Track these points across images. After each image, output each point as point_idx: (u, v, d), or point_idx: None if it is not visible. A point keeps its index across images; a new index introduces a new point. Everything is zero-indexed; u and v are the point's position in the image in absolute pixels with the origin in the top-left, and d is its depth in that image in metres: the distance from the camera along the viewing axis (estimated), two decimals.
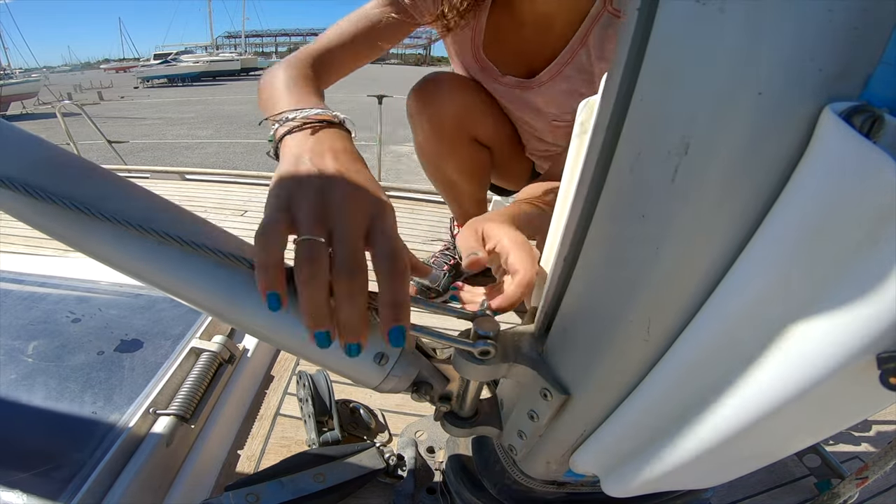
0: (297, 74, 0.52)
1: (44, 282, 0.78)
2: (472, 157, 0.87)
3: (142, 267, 0.30)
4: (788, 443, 0.23)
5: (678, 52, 0.17)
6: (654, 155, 0.19)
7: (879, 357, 0.15)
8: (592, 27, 0.65)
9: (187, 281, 0.30)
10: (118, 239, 0.29)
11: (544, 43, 0.70)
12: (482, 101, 0.83)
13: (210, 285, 0.30)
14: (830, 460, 0.59)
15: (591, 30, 0.66)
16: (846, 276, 0.15)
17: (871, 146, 0.13)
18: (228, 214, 1.43)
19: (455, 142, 0.83)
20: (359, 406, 0.67)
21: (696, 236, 0.19)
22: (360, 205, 0.31)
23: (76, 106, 2.80)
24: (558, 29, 0.68)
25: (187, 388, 0.59)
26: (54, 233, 0.29)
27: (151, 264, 0.30)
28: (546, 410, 0.31)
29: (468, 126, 0.82)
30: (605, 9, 0.64)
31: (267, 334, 0.32)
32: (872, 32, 0.14)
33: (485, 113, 0.83)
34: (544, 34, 0.69)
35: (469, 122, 0.82)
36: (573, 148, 0.35)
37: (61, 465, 0.48)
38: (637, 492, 0.30)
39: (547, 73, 0.72)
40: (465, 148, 0.85)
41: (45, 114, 10.37)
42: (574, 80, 0.72)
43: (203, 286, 0.30)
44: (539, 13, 0.67)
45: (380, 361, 0.33)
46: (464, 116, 0.80)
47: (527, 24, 0.69)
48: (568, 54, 0.69)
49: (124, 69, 40.92)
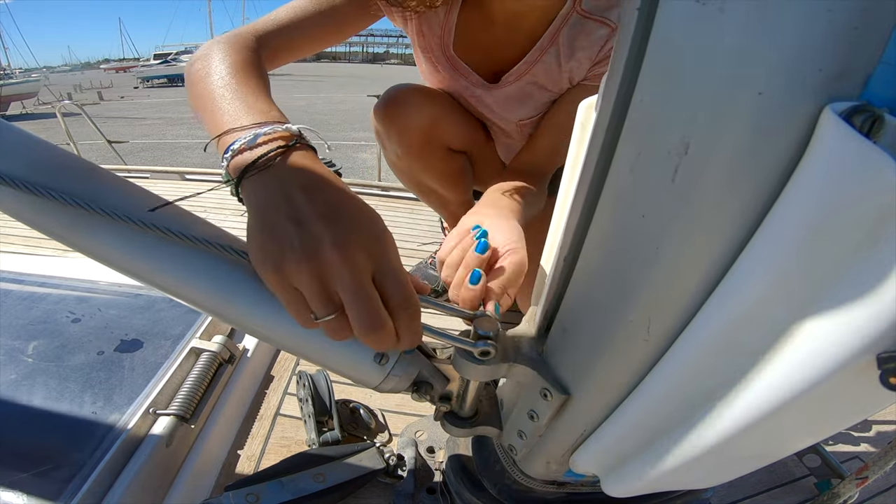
0: (239, 62, 0.43)
1: (44, 282, 0.78)
2: (449, 166, 0.85)
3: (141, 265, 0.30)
4: (788, 443, 0.23)
5: (678, 52, 0.17)
6: (654, 155, 0.19)
7: (879, 357, 0.15)
8: (562, 27, 0.65)
9: (186, 279, 0.30)
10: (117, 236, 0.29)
11: (513, 42, 0.70)
12: (449, 109, 0.80)
13: (209, 284, 0.30)
14: (830, 460, 0.59)
15: (560, 29, 0.65)
16: (846, 276, 0.15)
17: (871, 146, 0.13)
18: (228, 214, 1.43)
19: (427, 155, 0.82)
20: (359, 406, 0.67)
21: (696, 236, 0.19)
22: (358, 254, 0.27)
23: (76, 106, 2.80)
24: (527, 28, 0.67)
25: (187, 388, 0.59)
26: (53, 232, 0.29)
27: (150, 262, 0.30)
28: (546, 410, 0.31)
29: (439, 136, 0.80)
30: (574, 9, 0.63)
31: (267, 334, 0.32)
32: (872, 32, 0.14)
33: (453, 120, 0.81)
34: (513, 33, 0.69)
35: (439, 132, 0.80)
36: (573, 148, 0.35)
37: (61, 465, 0.48)
38: (637, 492, 0.30)
39: (514, 72, 0.72)
40: (440, 159, 0.83)
41: (45, 114, 10.36)
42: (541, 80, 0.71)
43: (202, 285, 0.30)
44: (509, 12, 0.66)
45: (380, 361, 0.33)
46: (432, 128, 0.78)
47: (497, 22, 0.68)
48: (537, 53, 0.68)
49: (124, 69, 40.88)
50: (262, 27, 0.55)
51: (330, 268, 0.27)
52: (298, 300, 0.28)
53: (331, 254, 0.26)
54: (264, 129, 0.32)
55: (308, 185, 0.30)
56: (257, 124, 0.33)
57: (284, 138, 0.32)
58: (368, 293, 0.27)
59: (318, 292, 0.27)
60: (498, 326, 0.33)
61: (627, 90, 0.20)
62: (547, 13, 0.65)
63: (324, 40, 0.63)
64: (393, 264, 0.29)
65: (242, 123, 0.34)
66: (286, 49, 0.57)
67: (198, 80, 0.41)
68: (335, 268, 0.27)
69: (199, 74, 0.42)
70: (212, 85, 0.40)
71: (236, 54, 0.45)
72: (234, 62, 0.43)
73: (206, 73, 0.41)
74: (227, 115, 0.35)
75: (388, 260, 0.29)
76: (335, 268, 0.27)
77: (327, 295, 0.27)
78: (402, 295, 0.28)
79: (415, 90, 0.79)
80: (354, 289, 0.27)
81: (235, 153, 0.32)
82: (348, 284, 0.27)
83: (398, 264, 0.29)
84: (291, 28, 0.57)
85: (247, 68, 0.43)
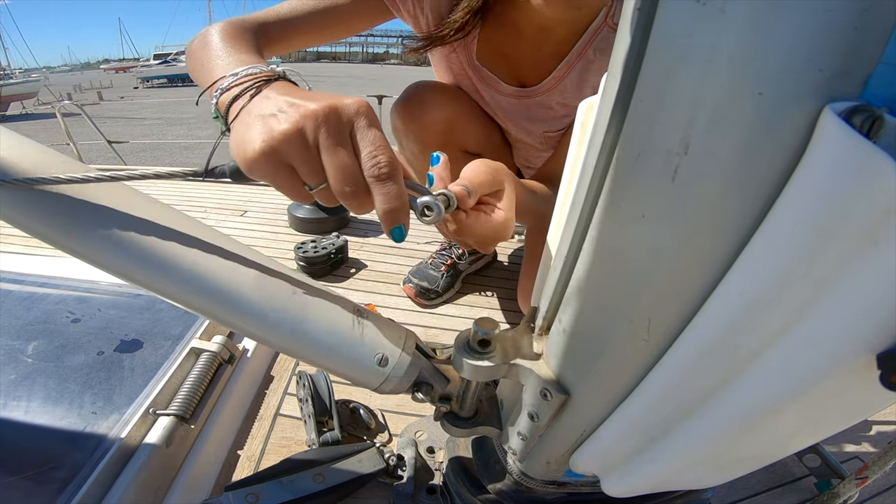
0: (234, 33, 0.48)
1: (44, 282, 0.78)
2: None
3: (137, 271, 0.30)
4: (788, 443, 0.23)
5: (678, 52, 0.17)
6: (654, 155, 0.19)
7: (879, 357, 0.15)
8: (591, 41, 0.64)
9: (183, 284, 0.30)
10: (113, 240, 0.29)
11: (539, 57, 0.69)
12: (468, 110, 0.80)
13: (208, 287, 0.30)
14: (830, 460, 0.59)
15: (589, 44, 0.65)
16: (846, 276, 0.15)
17: (871, 146, 0.13)
18: (228, 214, 1.43)
19: None
20: (359, 406, 0.67)
21: (696, 236, 0.19)
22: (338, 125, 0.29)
23: (76, 106, 2.80)
24: (554, 43, 0.67)
25: (187, 388, 0.59)
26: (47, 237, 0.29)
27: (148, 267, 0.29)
28: (546, 410, 0.31)
29: (456, 138, 0.80)
30: (605, 23, 0.63)
31: (267, 337, 0.32)
32: (872, 32, 0.14)
33: (471, 121, 0.81)
34: (540, 48, 0.68)
35: (456, 133, 0.79)
36: (573, 148, 0.35)
37: (61, 466, 0.48)
38: (637, 492, 0.30)
39: (541, 87, 0.71)
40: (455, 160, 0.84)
41: (45, 114, 10.36)
42: (568, 95, 0.71)
43: (201, 289, 0.30)
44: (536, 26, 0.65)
45: (380, 363, 0.33)
46: (450, 130, 0.78)
47: (524, 37, 0.68)
48: (564, 69, 0.68)
49: (124, 69, 40.82)
50: (263, 16, 0.57)
51: (315, 126, 0.28)
52: (290, 175, 0.30)
53: (314, 110, 0.28)
54: (251, 69, 0.36)
55: (290, 92, 0.32)
56: (245, 67, 0.37)
57: (268, 75, 0.35)
58: (345, 150, 0.29)
59: (306, 160, 0.29)
60: (497, 326, 0.33)
61: (627, 90, 0.20)
62: (576, 27, 0.64)
63: (322, 35, 0.64)
64: (371, 125, 0.30)
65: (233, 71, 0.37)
66: (284, 38, 0.59)
67: (196, 50, 0.45)
68: (318, 124, 0.28)
69: (196, 46, 0.46)
70: (208, 50, 0.43)
71: (233, 29, 0.49)
72: (230, 33, 0.47)
73: (204, 44, 0.45)
74: (217, 69, 0.39)
75: (366, 124, 0.30)
76: (318, 124, 0.28)
77: (318, 164, 0.29)
78: (373, 155, 0.29)
79: (436, 88, 0.78)
80: (331, 146, 0.28)
81: (224, 91, 0.35)
82: (326, 142, 0.28)
83: (371, 131, 0.30)
84: (291, 19, 0.59)
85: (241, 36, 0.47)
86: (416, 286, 0.98)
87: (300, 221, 1.29)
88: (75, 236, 0.28)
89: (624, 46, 0.19)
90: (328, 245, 1.06)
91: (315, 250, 1.04)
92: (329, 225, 1.30)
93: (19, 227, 0.28)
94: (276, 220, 1.38)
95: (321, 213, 1.29)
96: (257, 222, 1.37)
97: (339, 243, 1.08)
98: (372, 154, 0.29)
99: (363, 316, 0.35)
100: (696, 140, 0.17)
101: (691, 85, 0.17)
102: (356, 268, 1.11)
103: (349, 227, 1.34)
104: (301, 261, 1.03)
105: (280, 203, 1.50)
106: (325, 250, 1.04)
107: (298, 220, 1.29)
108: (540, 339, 0.34)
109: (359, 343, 0.34)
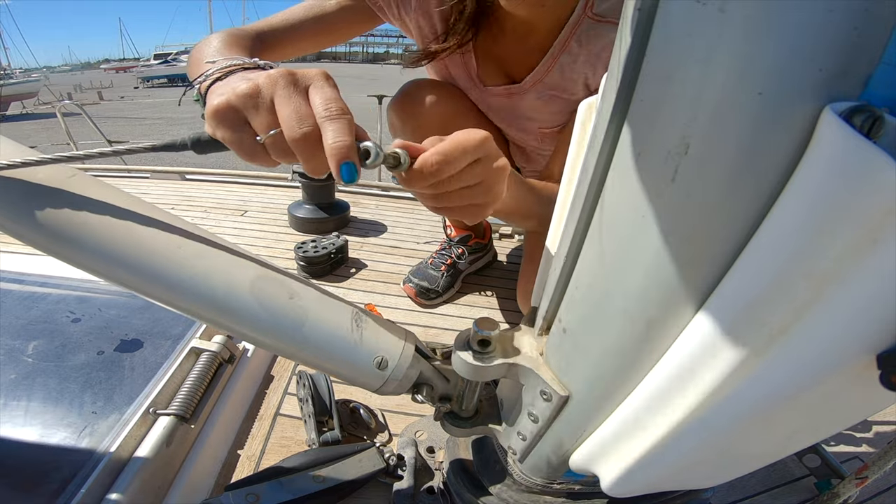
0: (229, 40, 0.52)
1: (44, 282, 0.78)
2: None
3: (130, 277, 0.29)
4: (788, 443, 0.23)
5: (678, 52, 0.17)
6: (654, 155, 0.19)
7: (879, 357, 0.15)
8: (574, 33, 0.65)
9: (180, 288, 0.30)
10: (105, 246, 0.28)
11: (525, 51, 0.70)
12: (464, 107, 0.81)
13: (204, 292, 0.30)
14: (830, 460, 0.59)
15: (572, 35, 0.65)
16: (846, 276, 0.15)
17: (871, 146, 0.13)
18: (228, 215, 1.43)
19: None
20: (359, 406, 0.67)
21: (696, 236, 0.19)
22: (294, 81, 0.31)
23: (76, 106, 2.80)
24: (538, 37, 0.68)
25: (187, 388, 0.59)
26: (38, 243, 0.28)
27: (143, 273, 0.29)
28: (546, 411, 0.31)
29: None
30: (584, 14, 0.63)
31: (267, 341, 0.32)
32: (872, 32, 0.14)
33: (468, 118, 0.82)
34: (524, 42, 0.69)
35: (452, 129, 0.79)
36: (573, 148, 0.35)
37: (61, 465, 0.48)
38: (637, 492, 0.30)
39: (528, 80, 0.72)
40: None
41: (45, 114, 10.37)
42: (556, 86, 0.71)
43: (196, 293, 0.30)
44: (518, 22, 0.66)
45: (379, 366, 0.33)
46: (446, 125, 0.78)
47: (507, 32, 0.69)
48: (549, 61, 0.68)
49: (124, 69, 40.81)
50: (259, 26, 0.61)
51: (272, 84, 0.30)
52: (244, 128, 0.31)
53: (272, 73, 0.30)
54: (235, 60, 0.39)
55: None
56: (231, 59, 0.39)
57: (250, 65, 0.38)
58: (300, 98, 0.30)
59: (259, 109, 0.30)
60: (497, 326, 0.33)
61: (627, 90, 0.20)
62: (558, 20, 0.65)
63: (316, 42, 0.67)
64: (327, 84, 0.31)
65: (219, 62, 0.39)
66: (279, 46, 0.63)
67: (194, 53, 0.49)
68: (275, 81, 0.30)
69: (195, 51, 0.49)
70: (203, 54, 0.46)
71: (230, 37, 0.52)
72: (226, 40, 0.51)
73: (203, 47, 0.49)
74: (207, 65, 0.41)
75: (322, 83, 0.31)
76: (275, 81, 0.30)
77: (271, 115, 0.30)
78: (323, 101, 0.30)
79: (432, 85, 0.79)
80: (286, 95, 0.30)
81: (207, 77, 0.37)
82: (281, 92, 0.30)
83: (332, 85, 0.31)
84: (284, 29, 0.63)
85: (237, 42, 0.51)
86: (416, 286, 0.98)
87: (300, 221, 1.29)
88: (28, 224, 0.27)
89: (624, 46, 0.19)
90: (328, 245, 1.06)
91: (315, 250, 1.04)
92: (329, 225, 1.30)
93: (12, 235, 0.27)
94: (276, 220, 1.39)
95: (321, 213, 1.29)
96: (257, 222, 1.37)
97: (340, 243, 1.08)
98: (326, 100, 0.30)
99: (362, 319, 0.35)
100: (696, 140, 0.17)
101: (691, 85, 0.17)
102: (356, 268, 1.11)
103: (349, 227, 1.34)
104: (301, 261, 1.03)
105: (280, 203, 1.50)
106: (325, 250, 1.04)
107: (298, 220, 1.29)
108: (540, 339, 0.34)
109: (357, 346, 0.33)
